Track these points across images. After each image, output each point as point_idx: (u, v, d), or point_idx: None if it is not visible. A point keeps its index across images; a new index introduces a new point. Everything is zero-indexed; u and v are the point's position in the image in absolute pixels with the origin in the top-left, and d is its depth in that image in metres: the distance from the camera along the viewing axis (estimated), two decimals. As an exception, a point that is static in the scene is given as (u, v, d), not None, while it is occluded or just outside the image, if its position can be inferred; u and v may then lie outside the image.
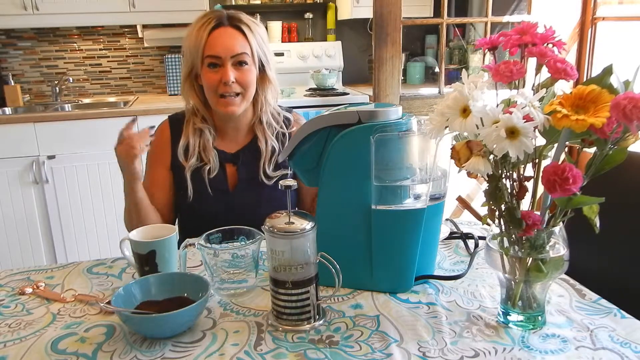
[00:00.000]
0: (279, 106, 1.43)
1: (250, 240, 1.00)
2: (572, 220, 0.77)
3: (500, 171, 0.77)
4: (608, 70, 0.70)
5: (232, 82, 1.25)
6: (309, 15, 3.39)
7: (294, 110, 1.49)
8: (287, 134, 1.39)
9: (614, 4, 2.53)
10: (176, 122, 1.37)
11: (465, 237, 1.19)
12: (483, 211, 0.83)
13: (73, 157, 2.67)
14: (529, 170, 0.77)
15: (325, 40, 3.47)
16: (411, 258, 0.95)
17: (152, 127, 1.05)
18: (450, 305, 0.91)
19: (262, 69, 1.33)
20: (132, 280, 0.94)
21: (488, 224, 0.82)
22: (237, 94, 1.28)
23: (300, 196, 1.43)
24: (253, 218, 1.05)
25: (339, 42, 3.41)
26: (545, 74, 0.75)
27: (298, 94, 3.01)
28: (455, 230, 1.24)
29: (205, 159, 1.32)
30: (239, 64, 1.27)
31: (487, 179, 0.78)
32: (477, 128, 0.72)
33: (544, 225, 0.77)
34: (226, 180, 1.34)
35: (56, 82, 3.15)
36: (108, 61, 3.30)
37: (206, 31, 1.26)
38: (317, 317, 0.87)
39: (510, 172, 0.77)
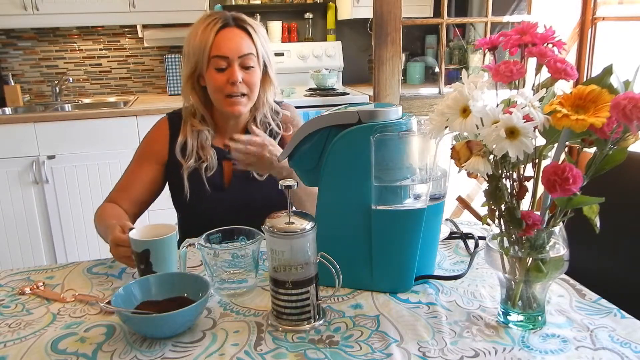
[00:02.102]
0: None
1: (250, 240, 1.00)
2: (572, 220, 0.77)
3: (500, 171, 0.77)
4: (608, 70, 0.70)
5: (240, 82, 1.26)
6: (309, 15, 3.40)
7: (284, 102, 1.49)
8: (279, 125, 1.39)
9: (614, 4, 2.53)
10: (175, 120, 1.38)
11: (465, 237, 1.19)
12: (483, 211, 0.83)
13: (73, 157, 2.68)
14: (529, 170, 0.77)
15: (325, 40, 3.47)
16: (411, 258, 0.95)
17: (132, 229, 1.04)
18: (450, 305, 0.91)
19: (264, 70, 1.34)
20: (132, 280, 0.94)
21: (488, 224, 0.82)
22: (243, 95, 1.28)
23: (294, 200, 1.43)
24: (249, 214, 1.04)
25: (339, 42, 3.41)
26: (545, 74, 0.75)
27: (298, 94, 3.01)
28: (455, 230, 1.24)
29: (203, 157, 1.33)
30: (246, 65, 1.27)
31: (487, 179, 0.78)
32: (477, 128, 0.72)
33: (544, 225, 0.77)
34: (223, 176, 1.36)
35: (56, 82, 3.15)
36: (108, 61, 3.30)
37: (213, 31, 1.26)
38: (317, 317, 0.87)
39: (510, 172, 0.77)
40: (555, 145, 0.74)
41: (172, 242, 1.01)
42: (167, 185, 1.39)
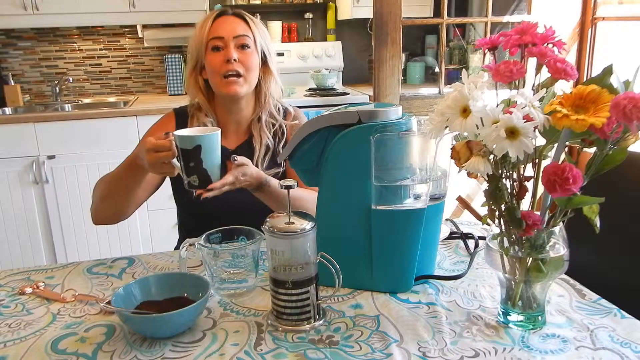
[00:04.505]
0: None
1: (250, 240, 1.00)
2: (572, 220, 0.77)
3: (500, 171, 0.77)
4: (608, 70, 0.70)
5: (235, 60, 1.27)
6: (309, 15, 3.40)
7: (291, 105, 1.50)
8: (284, 127, 1.40)
9: (614, 4, 2.53)
10: (181, 115, 1.39)
11: (465, 237, 1.19)
12: (483, 211, 0.83)
13: (73, 157, 2.68)
14: (529, 170, 0.77)
15: (325, 40, 3.47)
16: (411, 258, 0.95)
17: (167, 133, 1.05)
18: (450, 305, 0.91)
19: (264, 61, 1.36)
20: (132, 280, 0.94)
21: (488, 224, 0.82)
22: (240, 76, 1.29)
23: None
24: (252, 214, 1.05)
25: (339, 42, 3.41)
26: (545, 74, 0.75)
27: (298, 94, 3.01)
28: (455, 230, 1.24)
29: None
30: (242, 47, 1.30)
31: (487, 179, 0.78)
32: (477, 128, 0.72)
33: (544, 225, 0.77)
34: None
35: (56, 82, 3.15)
36: (108, 61, 3.30)
37: (210, 19, 1.31)
38: (317, 317, 0.87)
39: (510, 172, 0.77)
40: (555, 145, 0.74)
41: (219, 140, 1.03)
42: (168, 184, 1.39)
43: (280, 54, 3.25)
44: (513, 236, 0.79)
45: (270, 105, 1.39)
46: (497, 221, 0.80)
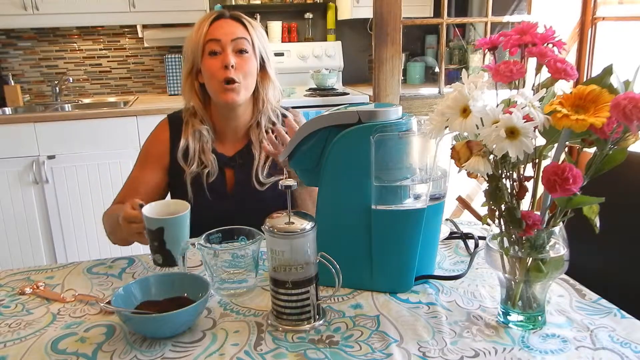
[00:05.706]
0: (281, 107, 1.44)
1: (250, 240, 1.00)
2: (572, 220, 0.77)
3: (500, 171, 0.77)
4: (608, 70, 0.70)
5: (232, 66, 1.25)
6: (309, 15, 3.40)
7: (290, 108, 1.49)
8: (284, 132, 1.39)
9: (614, 4, 2.54)
10: (175, 122, 1.37)
11: (465, 237, 1.19)
12: (483, 211, 0.83)
13: (73, 157, 2.68)
14: (529, 170, 0.77)
15: (325, 40, 3.47)
16: (411, 258, 0.95)
17: (141, 204, 1.04)
18: (450, 305, 0.91)
19: (262, 66, 1.33)
20: (132, 280, 0.94)
21: (488, 224, 0.82)
22: (238, 83, 1.27)
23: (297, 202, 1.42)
24: (253, 221, 1.05)
25: (339, 42, 3.41)
26: (545, 74, 0.75)
27: (298, 94, 3.01)
28: (455, 230, 1.24)
29: (205, 161, 1.32)
30: (240, 52, 1.28)
31: (487, 179, 0.78)
32: (477, 128, 0.72)
33: (544, 225, 0.77)
34: (225, 183, 1.34)
35: (56, 82, 3.15)
36: (108, 61, 3.30)
37: (207, 22, 1.28)
38: (317, 317, 0.87)
39: (510, 172, 0.77)
40: (555, 145, 0.74)
41: (186, 221, 1.01)
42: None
43: (280, 54, 3.25)
44: (513, 236, 0.79)
45: (268, 110, 1.37)
46: (497, 221, 0.80)
